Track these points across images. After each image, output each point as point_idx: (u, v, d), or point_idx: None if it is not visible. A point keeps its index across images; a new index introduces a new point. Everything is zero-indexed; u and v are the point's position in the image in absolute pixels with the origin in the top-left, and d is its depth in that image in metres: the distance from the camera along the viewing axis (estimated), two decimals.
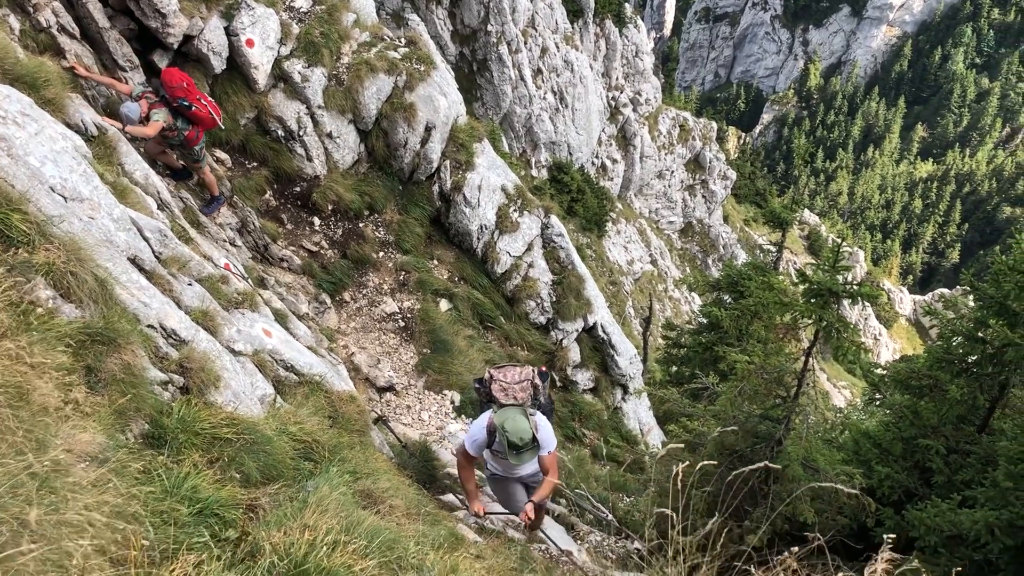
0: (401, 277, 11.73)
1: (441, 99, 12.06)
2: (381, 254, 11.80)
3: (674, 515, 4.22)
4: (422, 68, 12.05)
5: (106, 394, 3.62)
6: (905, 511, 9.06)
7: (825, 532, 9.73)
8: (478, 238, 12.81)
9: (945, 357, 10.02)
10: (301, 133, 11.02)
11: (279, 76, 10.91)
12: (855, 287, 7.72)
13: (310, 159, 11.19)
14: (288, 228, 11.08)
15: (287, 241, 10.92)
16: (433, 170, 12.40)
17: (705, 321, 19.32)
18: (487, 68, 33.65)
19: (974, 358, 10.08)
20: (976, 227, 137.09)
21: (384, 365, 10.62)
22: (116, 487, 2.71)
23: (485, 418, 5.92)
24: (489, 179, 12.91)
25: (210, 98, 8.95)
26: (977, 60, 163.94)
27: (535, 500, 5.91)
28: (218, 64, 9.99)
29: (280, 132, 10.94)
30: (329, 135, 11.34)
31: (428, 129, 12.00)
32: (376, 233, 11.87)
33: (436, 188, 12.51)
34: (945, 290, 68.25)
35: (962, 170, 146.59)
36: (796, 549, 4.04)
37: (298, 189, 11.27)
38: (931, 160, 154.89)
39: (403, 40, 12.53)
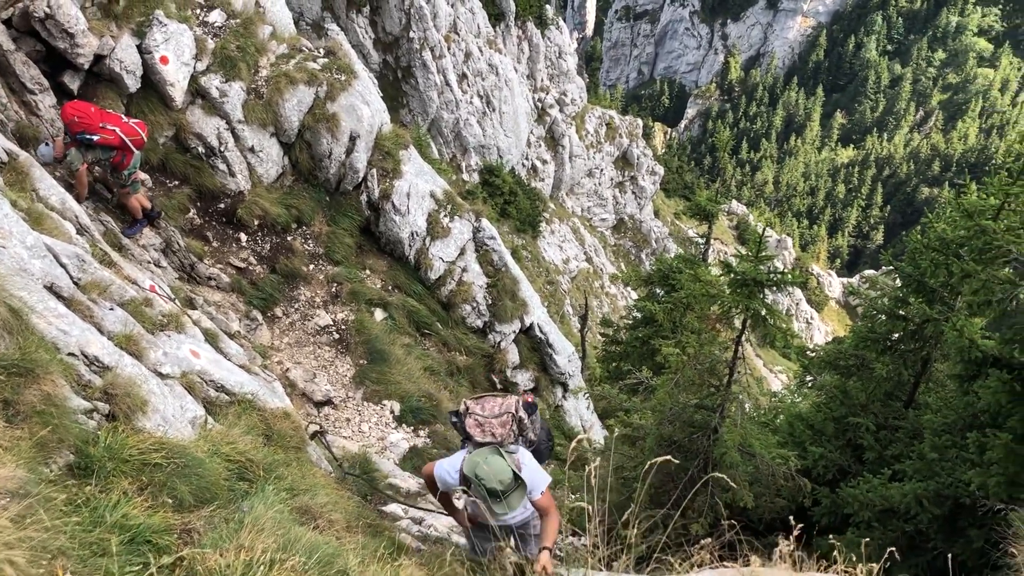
0: (333, 289, 11.63)
1: (364, 108, 12.00)
2: (311, 267, 11.69)
3: (590, 508, 4.32)
4: (343, 78, 11.97)
5: (26, 427, 3.53)
6: (839, 489, 9.32)
7: (765, 515, 10.00)
8: (410, 245, 12.78)
9: (870, 336, 10.34)
10: (222, 149, 10.85)
11: (196, 92, 10.73)
12: (779, 275, 7.92)
13: (233, 175, 11.03)
14: (214, 246, 10.90)
15: (214, 259, 10.75)
16: (360, 179, 12.33)
17: (640, 316, 19.59)
18: (412, 75, 33.57)
19: (897, 335, 10.42)
20: (897, 208, 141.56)
21: (321, 379, 10.52)
22: (40, 522, 2.65)
23: (459, 458, 5.04)
24: (418, 186, 12.89)
25: (125, 118, 8.72)
26: (888, 47, 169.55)
27: (548, 546, 4.91)
28: (132, 83, 9.78)
29: (201, 149, 10.76)
30: (251, 149, 11.19)
31: (352, 139, 11.93)
32: (305, 246, 11.76)
33: (364, 197, 12.44)
34: (871, 271, 70.26)
35: (881, 154, 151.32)
36: (710, 540, 4.15)
37: (222, 206, 11.10)
38: (851, 146, 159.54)
39: (322, 50, 12.43)
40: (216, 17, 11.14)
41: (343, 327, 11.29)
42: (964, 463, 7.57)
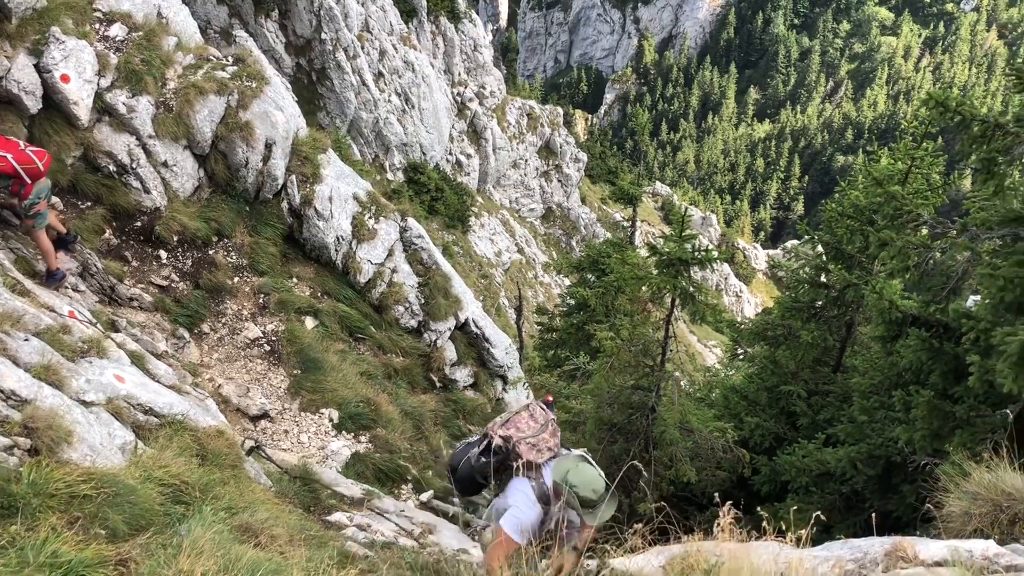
0: (261, 300, 11.43)
1: (278, 114, 11.80)
2: (236, 279, 11.46)
3: None
4: (254, 85, 11.74)
5: None
6: (777, 456, 9.55)
7: (708, 488, 10.18)
8: (336, 250, 12.62)
9: (794, 306, 10.63)
10: (134, 166, 10.54)
11: (103, 109, 10.40)
12: (703, 253, 8.06)
13: (148, 191, 10.73)
14: (134, 265, 10.59)
15: (135, 279, 10.45)
16: (279, 187, 12.12)
17: (573, 302, 19.74)
18: (327, 76, 33.15)
19: (820, 303, 10.74)
20: (815, 178, 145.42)
21: (255, 392, 10.33)
22: None
23: (528, 490, 4.45)
24: (339, 189, 12.73)
25: (23, 145, 8.27)
26: (795, 21, 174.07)
27: (579, 547, 4.46)
28: (33, 104, 9.41)
29: (112, 167, 10.43)
30: (165, 164, 10.90)
31: (268, 146, 11.72)
32: (228, 258, 11.52)
33: (285, 205, 12.24)
34: (794, 241, 72.01)
35: (796, 126, 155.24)
36: (640, 525, 4.22)
37: (139, 224, 10.79)
38: (767, 120, 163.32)
39: (231, 58, 12.16)
40: (117, 31, 10.80)
41: (274, 338, 11.10)
42: (892, 422, 7.82)
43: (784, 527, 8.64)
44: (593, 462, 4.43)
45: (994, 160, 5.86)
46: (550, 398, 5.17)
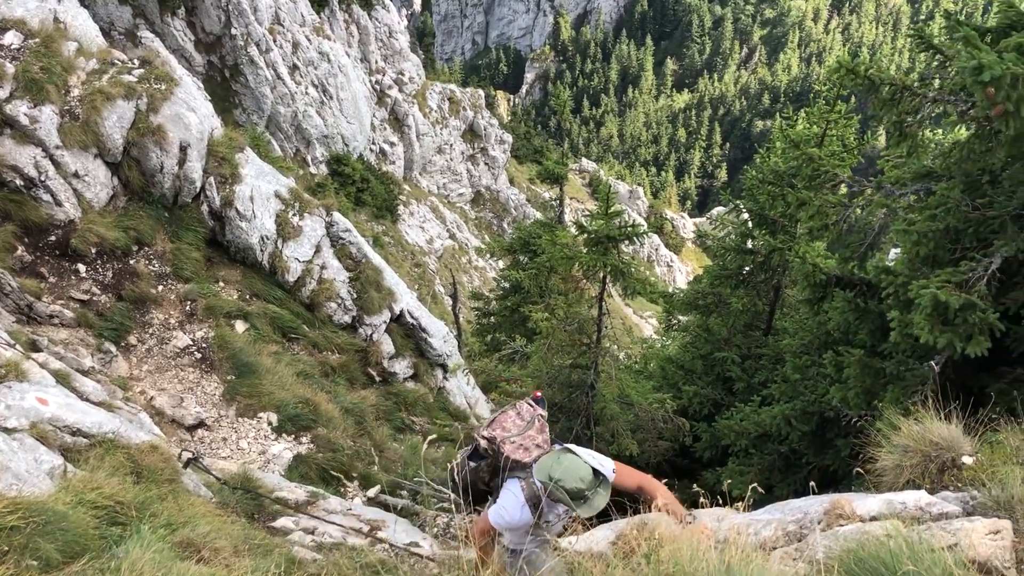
0: (188, 307, 11.15)
1: (191, 115, 11.49)
2: (161, 288, 11.16)
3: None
4: (163, 87, 11.41)
5: None
6: (716, 422, 9.73)
7: (652, 459, 10.32)
8: (261, 250, 12.39)
9: (722, 273, 10.81)
10: (43, 178, 10.16)
11: (4, 122, 9.98)
12: (630, 228, 8.12)
13: (59, 204, 10.36)
14: (51, 281, 10.23)
15: (53, 295, 10.10)
16: (198, 190, 11.83)
17: (508, 285, 19.77)
18: (240, 73, 32.39)
19: (747, 269, 10.94)
20: (736, 144, 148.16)
21: (189, 402, 10.10)
22: None
23: (517, 491, 4.27)
24: (260, 188, 12.49)
25: None
26: None
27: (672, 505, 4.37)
28: None
29: (19, 181, 10.04)
30: (76, 175, 10.53)
31: (183, 149, 11.41)
32: (150, 267, 11.20)
33: (205, 208, 11.95)
34: (720, 208, 73.27)
35: (714, 95, 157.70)
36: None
37: (53, 238, 10.41)
38: (686, 90, 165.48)
39: (137, 61, 11.79)
40: (11, 39, 10.37)
41: (204, 345, 10.86)
42: (824, 380, 8.02)
43: (729, 490, 8.81)
44: (579, 451, 4.18)
45: (904, 121, 6.02)
46: (538, 394, 4.90)
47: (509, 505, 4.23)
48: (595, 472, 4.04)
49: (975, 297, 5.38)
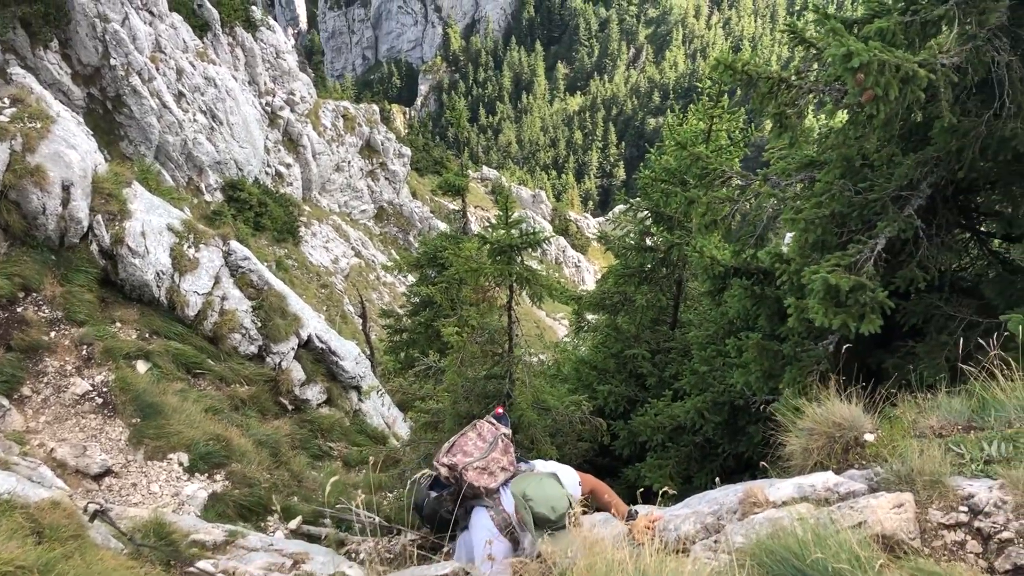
0: (84, 352, 10.70)
1: (72, 153, 11.05)
2: (53, 334, 10.68)
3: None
4: (39, 125, 10.94)
5: None
6: (631, 419, 9.88)
7: (572, 461, 10.39)
8: (158, 286, 11.99)
9: (625, 272, 11.00)
10: None
11: None
12: (531, 235, 8.17)
13: None
14: None
15: None
16: (85, 229, 11.37)
17: (418, 300, 19.65)
18: (124, 104, 31.37)
19: (649, 266, 11.16)
20: (631, 143, 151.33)
21: (93, 450, 9.69)
22: None
23: (488, 523, 3.99)
24: (152, 222, 12.09)
25: None
26: None
27: (629, 509, 4.35)
28: None
29: None
30: None
31: (66, 188, 10.96)
32: (40, 314, 10.71)
33: (95, 247, 11.50)
34: (618, 207, 74.69)
35: (606, 96, 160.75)
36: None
37: None
38: (578, 93, 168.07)
39: (8, 100, 11.27)
40: None
41: (105, 389, 10.44)
42: (731, 369, 8.23)
43: (650, 484, 8.94)
44: (563, 478, 4.05)
45: (784, 113, 6.23)
46: (500, 410, 4.64)
47: (481, 543, 3.91)
48: (569, 507, 3.84)
49: (864, 278, 5.60)
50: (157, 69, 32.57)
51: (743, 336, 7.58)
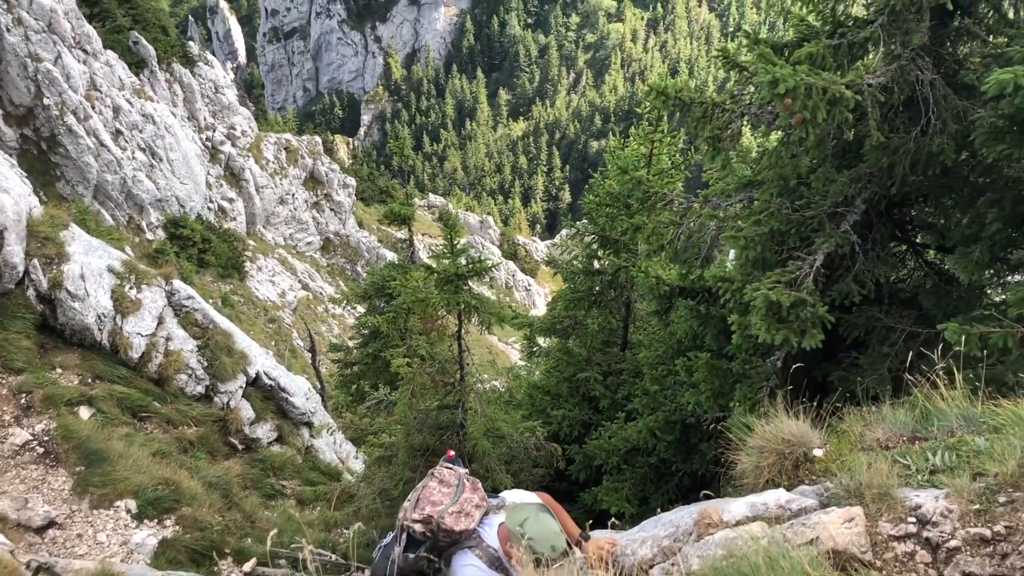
0: (23, 401, 10.39)
1: (4, 197, 10.78)
2: None
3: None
4: None
5: None
6: (586, 443, 9.89)
7: (529, 488, 10.35)
8: (100, 329, 11.72)
9: (574, 296, 11.06)
10: None
11: None
12: (477, 263, 8.18)
13: None
14: None
15: None
16: (21, 274, 11.07)
17: (367, 331, 19.49)
18: (59, 143, 30.78)
19: (598, 289, 11.24)
20: (575, 166, 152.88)
21: (35, 502, 9.37)
22: None
23: (476, 562, 3.95)
24: (91, 264, 11.83)
25: None
26: (529, 20, 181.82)
27: (582, 532, 4.36)
28: None
29: None
30: None
31: (0, 233, 10.68)
32: None
33: (32, 292, 11.20)
34: (564, 232, 75.18)
35: (549, 120, 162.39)
36: None
37: None
38: (521, 118, 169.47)
39: None
40: None
41: (46, 438, 10.13)
42: (681, 388, 8.30)
43: (607, 508, 8.91)
44: (553, 514, 3.94)
45: (718, 137, 6.35)
46: (451, 453, 4.62)
47: None
48: (568, 546, 3.79)
49: (804, 294, 5.71)
50: (93, 107, 32.05)
51: (692, 356, 7.66)
